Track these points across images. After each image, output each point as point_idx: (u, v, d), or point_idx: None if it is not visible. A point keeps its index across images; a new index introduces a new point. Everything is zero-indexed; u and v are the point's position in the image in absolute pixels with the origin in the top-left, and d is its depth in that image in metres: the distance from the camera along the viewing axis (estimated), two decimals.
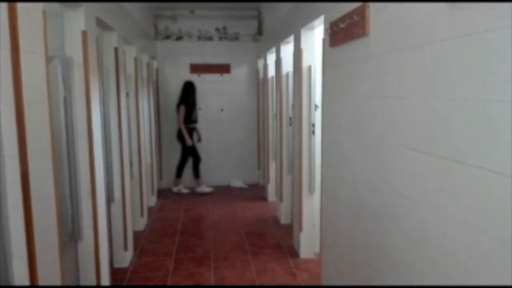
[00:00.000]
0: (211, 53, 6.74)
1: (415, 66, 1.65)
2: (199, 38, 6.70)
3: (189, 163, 6.49)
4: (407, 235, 1.73)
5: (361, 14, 2.12)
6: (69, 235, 2.60)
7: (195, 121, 6.38)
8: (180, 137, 6.30)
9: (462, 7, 1.31)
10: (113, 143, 3.51)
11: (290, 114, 4.43)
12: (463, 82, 1.33)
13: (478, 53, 1.26)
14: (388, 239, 1.92)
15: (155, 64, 6.45)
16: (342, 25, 2.41)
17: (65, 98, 2.51)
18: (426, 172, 1.57)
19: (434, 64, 1.50)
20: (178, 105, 6.25)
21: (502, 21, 1.14)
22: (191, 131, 6.32)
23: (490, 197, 1.21)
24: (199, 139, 6.50)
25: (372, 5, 2.04)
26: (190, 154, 6.38)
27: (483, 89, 1.24)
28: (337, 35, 2.54)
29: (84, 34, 2.63)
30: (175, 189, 6.47)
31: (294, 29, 3.87)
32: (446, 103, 1.42)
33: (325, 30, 2.83)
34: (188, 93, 6.30)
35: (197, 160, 6.42)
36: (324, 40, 2.92)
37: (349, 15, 2.30)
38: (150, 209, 5.39)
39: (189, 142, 6.24)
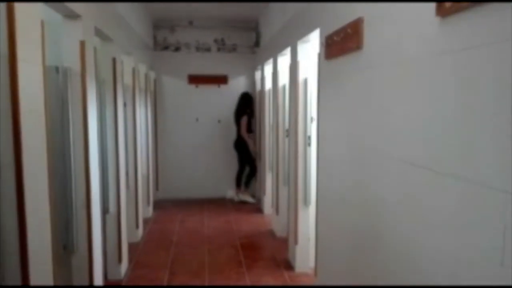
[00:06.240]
0: (209, 64, 6.77)
1: (406, 79, 1.67)
2: (197, 49, 6.75)
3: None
4: (404, 249, 1.72)
5: (356, 28, 2.15)
6: (63, 246, 2.58)
7: (252, 131, 6.52)
8: (238, 146, 6.42)
9: (451, 23, 1.34)
10: (109, 153, 3.50)
11: (287, 126, 4.44)
12: (455, 95, 1.35)
13: (467, 67, 1.27)
14: (384, 252, 1.91)
15: (153, 74, 6.48)
16: (337, 39, 2.44)
17: (62, 108, 2.52)
18: (421, 186, 1.57)
19: (425, 77, 1.52)
20: (239, 116, 6.38)
21: (488, 38, 1.16)
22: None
23: (480, 210, 1.21)
24: None
25: (366, 19, 2.07)
26: (249, 163, 6.48)
27: (473, 102, 1.25)
28: (332, 48, 2.57)
29: (82, 44, 2.64)
30: (236, 198, 6.52)
31: (290, 42, 3.91)
32: (444, 115, 1.44)
33: (321, 43, 2.86)
34: (247, 103, 6.46)
35: (254, 170, 6.50)
36: (319, 53, 2.95)
37: (343, 29, 2.33)
38: (145, 221, 5.35)
39: (254, 148, 6.41)
